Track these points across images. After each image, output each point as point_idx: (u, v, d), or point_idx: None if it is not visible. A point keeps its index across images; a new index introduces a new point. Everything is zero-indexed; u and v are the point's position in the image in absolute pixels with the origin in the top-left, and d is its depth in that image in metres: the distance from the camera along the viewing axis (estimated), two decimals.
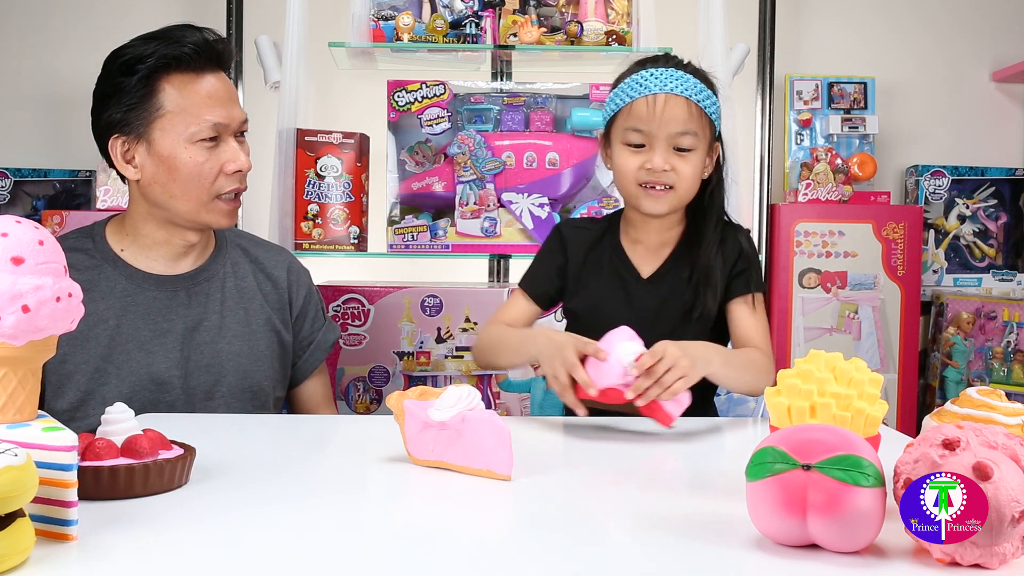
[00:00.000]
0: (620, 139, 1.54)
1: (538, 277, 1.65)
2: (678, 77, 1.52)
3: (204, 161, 1.48)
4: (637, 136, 1.52)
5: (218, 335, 1.55)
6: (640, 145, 1.52)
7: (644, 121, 1.51)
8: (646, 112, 1.50)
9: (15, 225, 0.83)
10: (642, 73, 1.53)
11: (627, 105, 1.53)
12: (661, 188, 1.52)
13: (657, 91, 1.50)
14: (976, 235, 2.96)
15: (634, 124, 1.52)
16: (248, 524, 0.89)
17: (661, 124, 1.50)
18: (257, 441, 1.28)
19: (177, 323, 1.53)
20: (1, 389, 0.83)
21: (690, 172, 1.52)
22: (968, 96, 3.06)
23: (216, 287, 1.58)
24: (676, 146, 1.51)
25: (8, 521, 0.73)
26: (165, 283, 1.55)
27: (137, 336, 1.51)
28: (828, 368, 0.97)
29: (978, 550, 0.74)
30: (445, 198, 2.24)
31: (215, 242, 1.63)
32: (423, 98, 2.22)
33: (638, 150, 1.53)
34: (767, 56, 2.68)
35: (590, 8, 2.34)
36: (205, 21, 1.46)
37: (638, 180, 1.53)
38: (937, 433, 0.78)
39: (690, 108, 1.51)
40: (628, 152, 1.54)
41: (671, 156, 1.51)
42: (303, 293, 1.67)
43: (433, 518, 0.93)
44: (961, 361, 2.81)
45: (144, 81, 1.47)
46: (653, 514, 0.94)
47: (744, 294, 1.58)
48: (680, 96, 1.51)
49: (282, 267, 1.66)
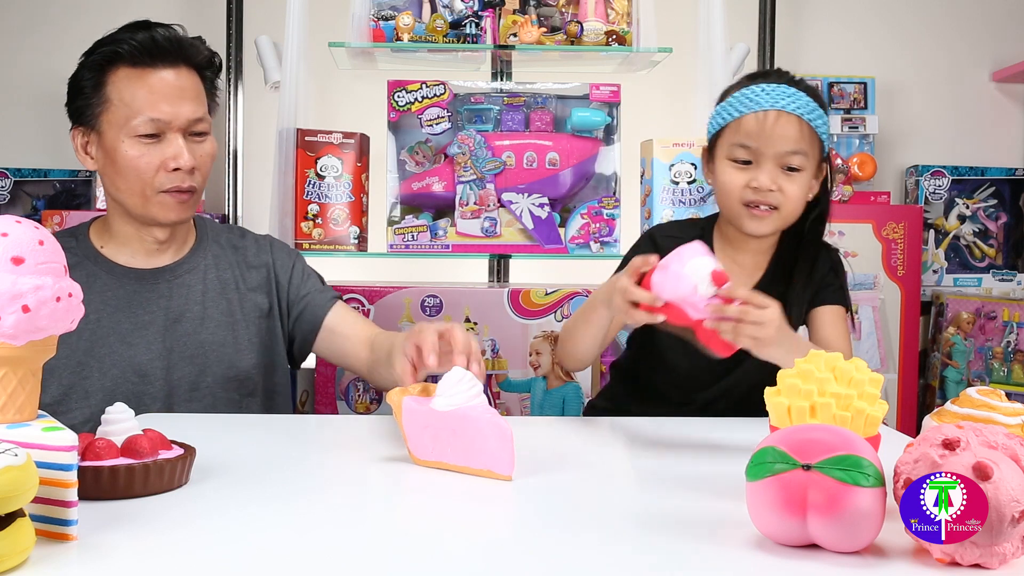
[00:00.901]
0: (726, 154, 1.50)
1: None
2: (790, 94, 1.47)
3: (140, 156, 1.50)
4: (744, 152, 1.48)
5: (200, 326, 1.57)
6: (747, 162, 1.48)
7: (753, 137, 1.47)
8: (756, 128, 1.46)
9: (15, 225, 0.84)
10: (753, 88, 1.49)
11: (736, 120, 1.49)
12: (765, 208, 1.48)
13: (768, 107, 1.46)
14: (976, 235, 2.96)
15: (742, 140, 1.48)
16: (248, 524, 0.89)
17: (771, 141, 1.46)
18: (257, 441, 1.28)
19: (158, 315, 1.55)
20: (1, 389, 0.83)
21: (797, 193, 1.48)
22: (968, 96, 3.05)
23: (197, 279, 1.60)
24: (785, 165, 1.47)
25: (8, 521, 0.73)
26: (145, 276, 1.57)
27: (118, 329, 1.52)
28: (828, 368, 0.97)
29: (978, 550, 0.74)
30: (445, 198, 2.24)
31: (195, 236, 1.65)
32: (423, 98, 2.22)
33: (744, 167, 1.48)
34: (767, 56, 2.68)
35: (590, 8, 2.34)
36: (205, 21, 1.47)
37: (743, 199, 1.48)
38: (937, 433, 0.78)
39: (801, 127, 1.47)
40: (733, 168, 1.49)
41: (778, 175, 1.47)
42: (290, 262, 1.69)
43: (433, 518, 0.93)
44: (961, 361, 2.81)
45: (94, 74, 1.51)
46: (653, 514, 0.94)
47: (832, 303, 1.55)
48: (792, 114, 1.46)
49: (265, 252, 1.68)
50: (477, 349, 1.28)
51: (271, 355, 1.65)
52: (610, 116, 2.25)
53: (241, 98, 2.66)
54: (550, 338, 2.09)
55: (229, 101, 2.65)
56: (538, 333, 2.10)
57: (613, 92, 2.25)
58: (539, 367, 2.10)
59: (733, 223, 1.54)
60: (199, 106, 1.54)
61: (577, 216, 2.25)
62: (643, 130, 2.43)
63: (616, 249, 2.26)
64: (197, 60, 1.56)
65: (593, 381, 2.10)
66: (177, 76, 1.53)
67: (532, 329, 2.10)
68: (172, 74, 1.52)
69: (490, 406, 1.09)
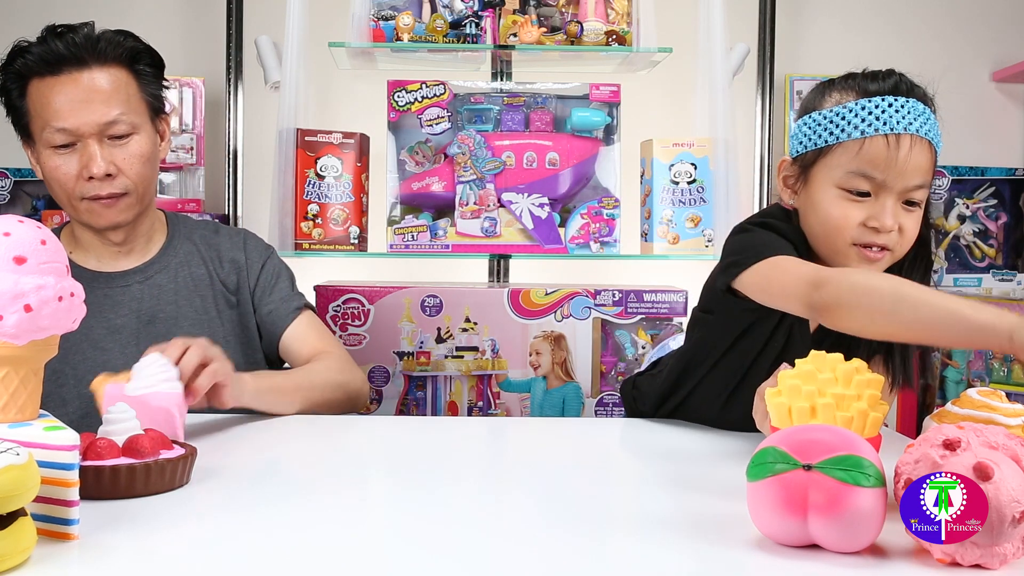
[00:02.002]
0: (836, 181, 1.23)
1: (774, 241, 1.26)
2: (921, 112, 1.24)
3: (57, 167, 1.49)
4: (865, 184, 1.21)
5: (174, 326, 1.56)
6: (865, 194, 1.22)
7: (880, 168, 1.20)
8: (886, 157, 1.19)
9: (17, 225, 0.84)
10: (886, 102, 1.22)
11: (857, 141, 1.21)
12: (878, 250, 1.22)
13: (901, 131, 1.20)
14: (976, 235, 2.96)
15: (865, 169, 1.20)
16: (248, 524, 0.90)
17: (903, 175, 1.20)
18: (257, 441, 1.28)
19: (130, 318, 1.54)
20: (3, 388, 0.83)
21: (914, 231, 1.24)
22: (968, 96, 3.06)
23: (168, 278, 1.59)
24: (907, 200, 1.23)
25: (9, 520, 0.73)
26: (115, 279, 1.57)
27: (90, 335, 1.52)
28: (829, 369, 0.97)
29: (978, 550, 0.75)
30: (445, 198, 2.24)
31: (166, 234, 1.63)
32: (423, 98, 2.22)
33: (861, 200, 1.22)
34: (767, 56, 2.68)
35: (590, 8, 2.34)
36: (205, 21, 1.46)
37: (856, 239, 1.22)
38: (938, 433, 0.79)
39: (932, 155, 1.23)
40: (846, 201, 1.22)
41: (900, 212, 1.22)
42: (260, 260, 1.66)
43: (433, 518, 0.93)
44: (961, 361, 2.81)
45: (16, 86, 1.50)
46: (653, 514, 0.94)
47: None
48: (925, 139, 1.22)
49: (239, 247, 1.66)
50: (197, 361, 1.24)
51: (250, 350, 1.64)
52: (610, 116, 2.25)
53: (241, 98, 2.66)
54: (550, 338, 2.09)
55: (229, 101, 2.65)
56: (538, 333, 2.10)
57: (613, 92, 2.25)
58: (539, 367, 2.10)
59: (830, 261, 1.26)
60: (111, 108, 1.48)
61: (577, 216, 2.25)
62: (643, 130, 2.43)
63: (616, 249, 2.26)
64: (115, 57, 1.50)
65: (593, 381, 2.10)
66: (86, 79, 1.47)
67: (532, 329, 2.10)
68: (80, 78, 1.47)
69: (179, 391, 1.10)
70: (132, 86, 1.52)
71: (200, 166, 2.76)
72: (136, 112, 1.52)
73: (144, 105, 1.54)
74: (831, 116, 1.25)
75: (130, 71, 1.52)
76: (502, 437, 1.44)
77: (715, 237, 2.31)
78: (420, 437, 1.34)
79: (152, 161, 1.55)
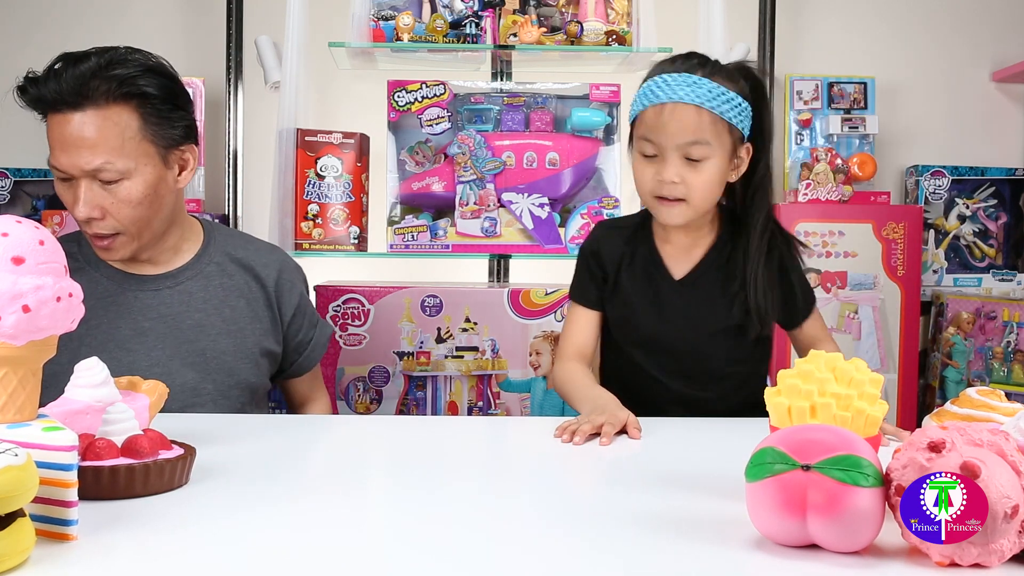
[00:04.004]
0: (636, 148, 1.51)
1: (584, 284, 1.61)
2: (691, 83, 1.45)
3: (62, 194, 1.48)
4: (649, 146, 1.47)
5: (201, 333, 1.55)
6: (653, 155, 1.48)
7: (653, 131, 1.46)
8: (654, 122, 1.46)
9: (15, 225, 0.84)
10: (655, 80, 1.48)
11: (640, 113, 1.49)
12: (673, 200, 1.48)
13: (665, 100, 1.45)
14: (976, 235, 2.96)
15: (645, 134, 1.47)
16: (248, 524, 0.89)
17: (669, 135, 1.45)
18: (257, 441, 1.28)
19: (158, 322, 1.53)
20: (1, 389, 0.83)
21: (701, 183, 1.47)
22: (968, 96, 3.05)
23: (199, 286, 1.58)
24: (687, 156, 1.46)
25: (8, 521, 0.73)
26: (147, 282, 1.55)
27: (117, 335, 1.51)
28: (828, 368, 0.97)
29: (976, 549, 0.74)
30: (445, 198, 2.24)
31: (202, 240, 1.62)
32: (423, 98, 2.22)
33: (651, 160, 1.48)
34: (767, 56, 2.69)
35: (590, 8, 2.34)
36: (205, 21, 1.45)
37: (653, 192, 1.49)
38: (922, 436, 0.78)
39: (700, 116, 1.44)
40: (642, 162, 1.50)
41: (682, 167, 1.46)
42: (297, 293, 1.66)
43: (433, 518, 0.93)
44: (961, 361, 2.81)
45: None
46: (653, 514, 0.94)
47: (807, 317, 1.60)
48: (689, 104, 1.44)
49: (273, 268, 1.64)
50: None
51: (272, 364, 1.64)
52: (610, 116, 2.25)
53: (241, 98, 2.66)
54: (550, 338, 2.09)
55: (229, 101, 2.65)
56: (538, 333, 2.10)
57: (613, 92, 2.25)
58: (539, 367, 2.10)
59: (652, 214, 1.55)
60: (96, 156, 1.42)
61: (577, 216, 2.25)
62: None
63: None
64: (112, 96, 1.43)
65: None
66: (76, 122, 1.42)
67: (532, 329, 2.10)
68: (71, 120, 1.42)
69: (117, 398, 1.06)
70: (131, 127, 1.44)
71: (200, 166, 2.75)
72: (130, 155, 1.44)
73: (147, 144, 1.46)
74: (634, 98, 1.52)
75: (132, 108, 1.45)
76: (502, 437, 1.44)
77: None
78: (420, 437, 1.34)
79: (151, 200, 1.48)
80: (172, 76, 1.52)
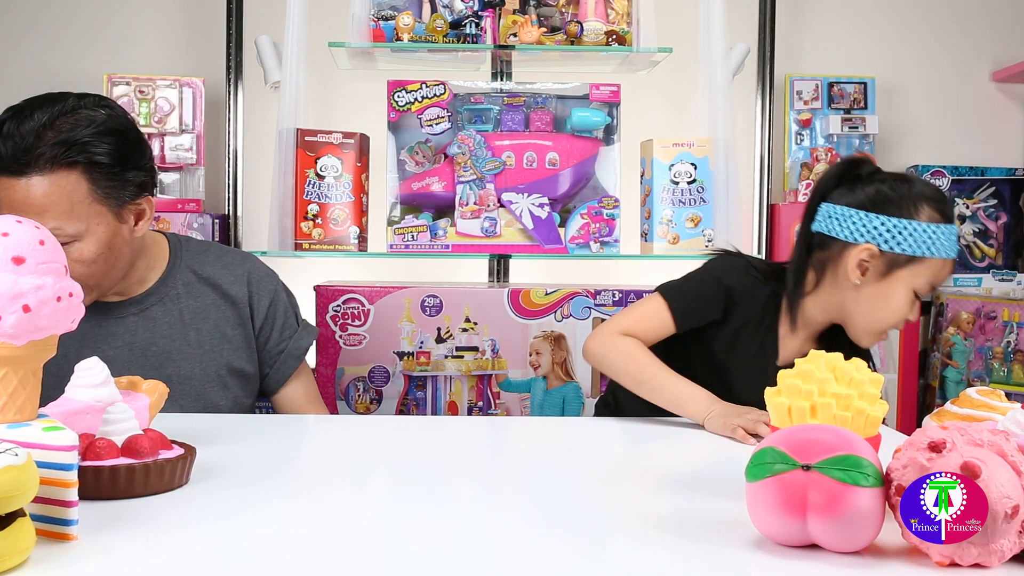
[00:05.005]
0: (912, 282, 1.49)
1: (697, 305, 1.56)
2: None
3: None
4: (926, 291, 1.50)
5: (167, 359, 1.52)
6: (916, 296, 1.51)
7: (938, 280, 1.50)
8: (942, 273, 1.50)
9: (16, 225, 0.84)
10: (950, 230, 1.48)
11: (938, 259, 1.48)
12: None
13: (955, 256, 1.50)
14: (976, 235, 2.96)
15: (933, 280, 1.49)
16: (248, 524, 0.90)
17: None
18: (257, 441, 1.28)
19: (122, 350, 1.50)
20: (2, 389, 0.83)
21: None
22: (968, 96, 3.06)
23: (165, 310, 1.54)
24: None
25: (8, 521, 0.73)
26: (110, 310, 1.52)
27: None
28: (828, 368, 0.97)
29: (976, 549, 0.75)
30: (445, 198, 2.24)
31: (167, 262, 1.57)
32: (423, 98, 2.22)
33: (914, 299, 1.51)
34: (767, 56, 2.69)
35: (590, 8, 2.34)
36: (205, 21, 1.45)
37: (897, 325, 1.53)
38: (922, 436, 0.78)
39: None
40: (910, 297, 1.50)
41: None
42: (266, 302, 1.60)
43: (433, 518, 0.93)
44: (961, 361, 2.81)
45: None
46: (653, 514, 0.94)
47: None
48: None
49: (241, 282, 1.59)
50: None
51: (247, 384, 1.60)
52: (610, 116, 2.25)
53: (241, 98, 2.66)
54: (550, 338, 2.09)
55: (229, 101, 2.65)
56: (538, 333, 2.10)
57: (613, 92, 2.25)
58: (539, 367, 2.10)
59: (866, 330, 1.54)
60: (46, 220, 1.33)
61: (577, 216, 2.25)
62: (643, 130, 2.43)
63: (616, 249, 2.26)
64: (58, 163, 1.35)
65: (593, 381, 2.10)
66: (22, 187, 1.35)
67: (532, 329, 2.10)
68: (16, 186, 1.35)
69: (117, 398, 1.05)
70: (80, 190, 1.37)
71: (200, 166, 2.76)
72: (80, 218, 1.38)
73: (97, 206, 1.39)
74: (929, 232, 1.46)
75: (79, 173, 1.37)
76: (502, 437, 1.44)
77: (715, 237, 2.31)
78: (420, 437, 1.34)
79: (105, 256, 1.42)
80: (123, 131, 1.42)
